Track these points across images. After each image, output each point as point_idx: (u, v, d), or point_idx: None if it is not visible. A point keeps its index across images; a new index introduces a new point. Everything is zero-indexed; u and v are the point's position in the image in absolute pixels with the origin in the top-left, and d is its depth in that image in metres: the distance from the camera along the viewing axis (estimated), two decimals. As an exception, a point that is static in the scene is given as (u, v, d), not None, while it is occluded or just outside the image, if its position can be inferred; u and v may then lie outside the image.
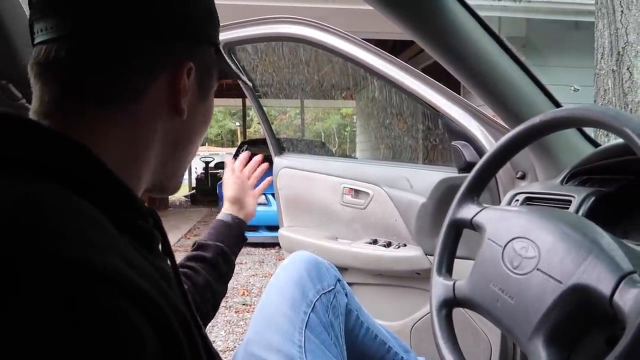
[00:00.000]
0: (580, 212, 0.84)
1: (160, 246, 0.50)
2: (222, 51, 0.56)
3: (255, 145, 7.57)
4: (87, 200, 0.39)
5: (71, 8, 0.45)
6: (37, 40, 0.47)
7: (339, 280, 1.01)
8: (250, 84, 0.87)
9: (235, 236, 0.99)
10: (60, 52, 0.45)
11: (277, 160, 1.83)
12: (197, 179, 11.17)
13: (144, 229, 0.45)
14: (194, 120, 0.53)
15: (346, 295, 1.02)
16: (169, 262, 0.52)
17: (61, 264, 0.31)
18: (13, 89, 0.79)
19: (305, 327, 0.88)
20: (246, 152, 1.14)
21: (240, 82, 0.84)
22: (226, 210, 1.02)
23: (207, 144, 25.49)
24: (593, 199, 0.85)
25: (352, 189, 1.61)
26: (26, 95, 0.80)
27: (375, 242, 1.55)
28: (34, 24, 0.47)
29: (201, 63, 0.51)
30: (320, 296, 0.94)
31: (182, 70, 0.49)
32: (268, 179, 1.19)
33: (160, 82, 0.48)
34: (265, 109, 1.91)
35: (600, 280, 0.56)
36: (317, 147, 7.03)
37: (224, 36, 1.59)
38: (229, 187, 1.05)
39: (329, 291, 0.97)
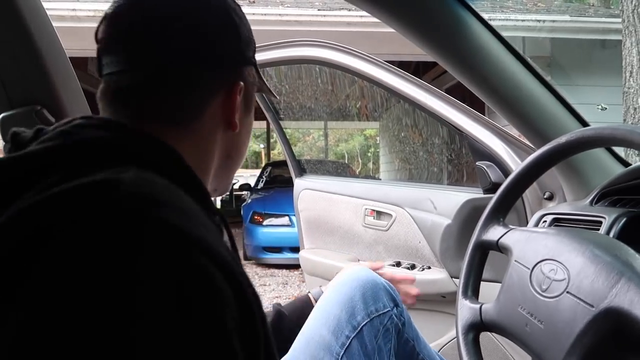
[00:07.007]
0: (612, 234, 0.82)
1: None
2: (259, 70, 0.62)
3: (279, 167, 7.62)
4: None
5: (137, 44, 0.51)
6: (105, 72, 0.52)
7: (397, 304, 0.93)
8: (277, 97, 0.90)
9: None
10: (129, 83, 0.51)
11: (297, 181, 1.84)
12: (221, 200, 11.29)
13: (214, 224, 0.49)
14: (242, 132, 0.59)
15: (403, 322, 0.93)
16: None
17: (166, 229, 0.37)
18: (47, 114, 0.82)
19: (344, 353, 0.82)
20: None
21: (258, 100, 0.88)
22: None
23: (231, 166, 25.66)
24: (624, 219, 0.83)
25: (374, 210, 1.60)
26: (59, 120, 0.83)
27: (398, 264, 1.53)
28: (101, 57, 0.52)
29: (246, 81, 0.58)
30: (371, 319, 0.87)
31: (236, 90, 0.55)
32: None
33: (217, 101, 0.54)
34: (289, 130, 1.94)
35: (634, 303, 0.54)
36: (337, 167, 7.06)
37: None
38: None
39: (383, 313, 0.89)
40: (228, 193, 11.56)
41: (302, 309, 0.95)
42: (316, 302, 0.95)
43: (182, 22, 0.52)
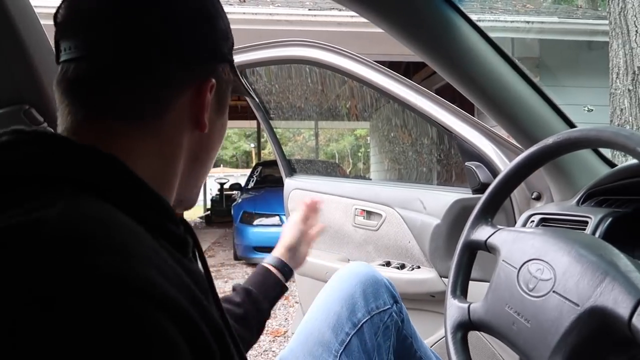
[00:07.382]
0: (597, 234, 0.83)
1: (192, 251, 0.51)
2: (236, 68, 0.58)
3: (269, 167, 7.60)
4: (124, 211, 0.40)
5: (98, 28, 0.46)
6: (62, 59, 0.47)
7: (396, 301, 0.93)
8: (257, 100, 0.85)
9: (278, 283, 0.91)
10: (87, 71, 0.46)
11: (288, 181, 1.84)
12: (212, 200, 11.23)
13: (177, 235, 0.46)
14: (212, 134, 0.55)
15: (402, 319, 0.94)
16: (200, 266, 0.52)
17: (99, 278, 0.31)
18: (35, 113, 0.81)
19: (343, 350, 0.82)
20: (313, 199, 1.03)
21: (248, 99, 0.84)
22: (279, 256, 0.95)
23: (221, 165, 25.67)
24: (610, 220, 0.84)
25: (364, 210, 1.61)
26: (48, 119, 0.83)
27: (388, 264, 1.54)
28: (59, 42, 0.48)
29: (220, 79, 0.53)
30: (371, 316, 0.87)
31: (206, 87, 0.50)
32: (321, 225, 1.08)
33: (184, 98, 0.49)
34: (279, 130, 1.94)
35: (618, 302, 0.55)
36: (327, 167, 7.06)
37: (237, 59, 1.62)
38: (289, 233, 0.98)
39: (383, 311, 0.89)
40: (218, 192, 11.42)
41: (264, 280, 0.90)
42: (275, 268, 0.92)
43: (149, 7, 0.47)
